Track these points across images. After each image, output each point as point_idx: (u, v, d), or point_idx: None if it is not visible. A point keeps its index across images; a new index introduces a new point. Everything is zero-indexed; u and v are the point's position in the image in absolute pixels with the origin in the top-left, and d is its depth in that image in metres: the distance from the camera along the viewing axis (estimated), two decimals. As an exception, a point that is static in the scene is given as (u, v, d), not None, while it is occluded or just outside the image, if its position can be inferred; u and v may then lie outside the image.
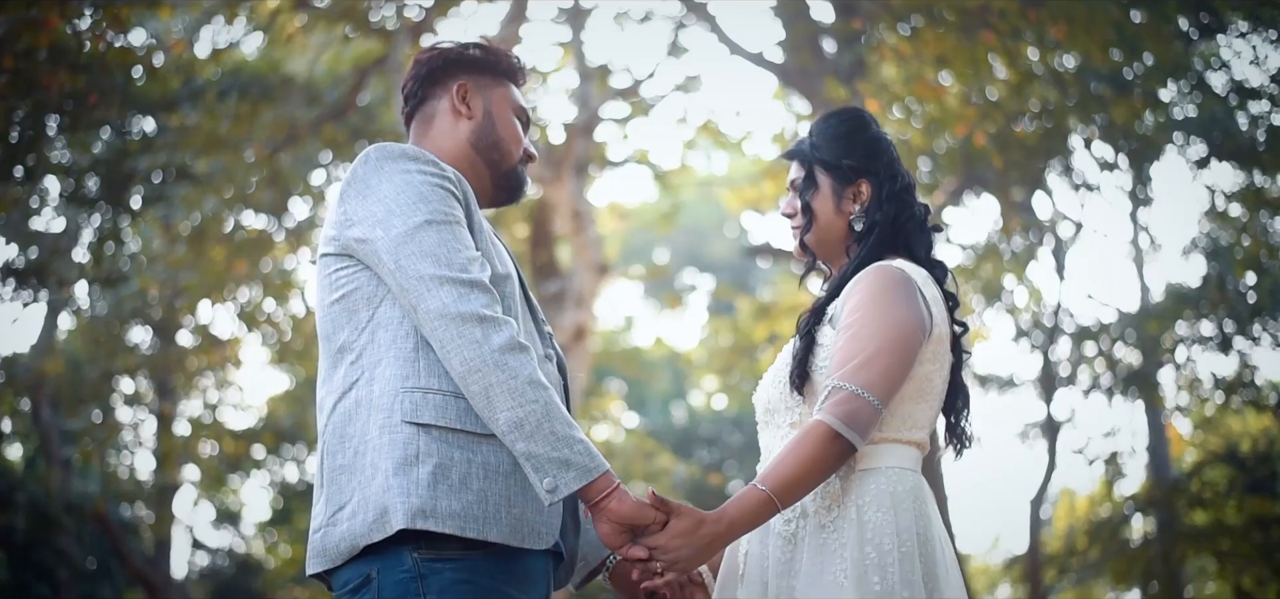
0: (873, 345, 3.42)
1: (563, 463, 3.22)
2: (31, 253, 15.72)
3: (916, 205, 3.76)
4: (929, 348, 3.56)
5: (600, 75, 16.33)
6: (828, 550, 3.45)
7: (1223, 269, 15.36)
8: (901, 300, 3.51)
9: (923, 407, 3.59)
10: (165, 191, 14.65)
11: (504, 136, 3.71)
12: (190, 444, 20.28)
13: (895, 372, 3.43)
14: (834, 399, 3.38)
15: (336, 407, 3.40)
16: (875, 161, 3.72)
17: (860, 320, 3.47)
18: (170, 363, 18.93)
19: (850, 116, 3.83)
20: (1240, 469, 16.54)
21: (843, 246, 3.76)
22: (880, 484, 3.49)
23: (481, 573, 3.29)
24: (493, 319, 3.26)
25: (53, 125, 13.32)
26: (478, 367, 3.22)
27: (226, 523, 26.73)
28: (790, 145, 3.88)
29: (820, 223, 3.75)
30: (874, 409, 3.38)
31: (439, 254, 3.31)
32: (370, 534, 3.28)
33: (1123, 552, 18.37)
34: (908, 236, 3.72)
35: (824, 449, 3.36)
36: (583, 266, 15.63)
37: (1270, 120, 13.21)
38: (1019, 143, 13.63)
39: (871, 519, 3.45)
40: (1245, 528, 16.49)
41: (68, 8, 11.17)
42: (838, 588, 3.39)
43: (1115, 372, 17.14)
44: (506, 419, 3.22)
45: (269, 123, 13.92)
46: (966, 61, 12.55)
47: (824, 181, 3.75)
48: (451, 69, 3.72)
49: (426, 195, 3.37)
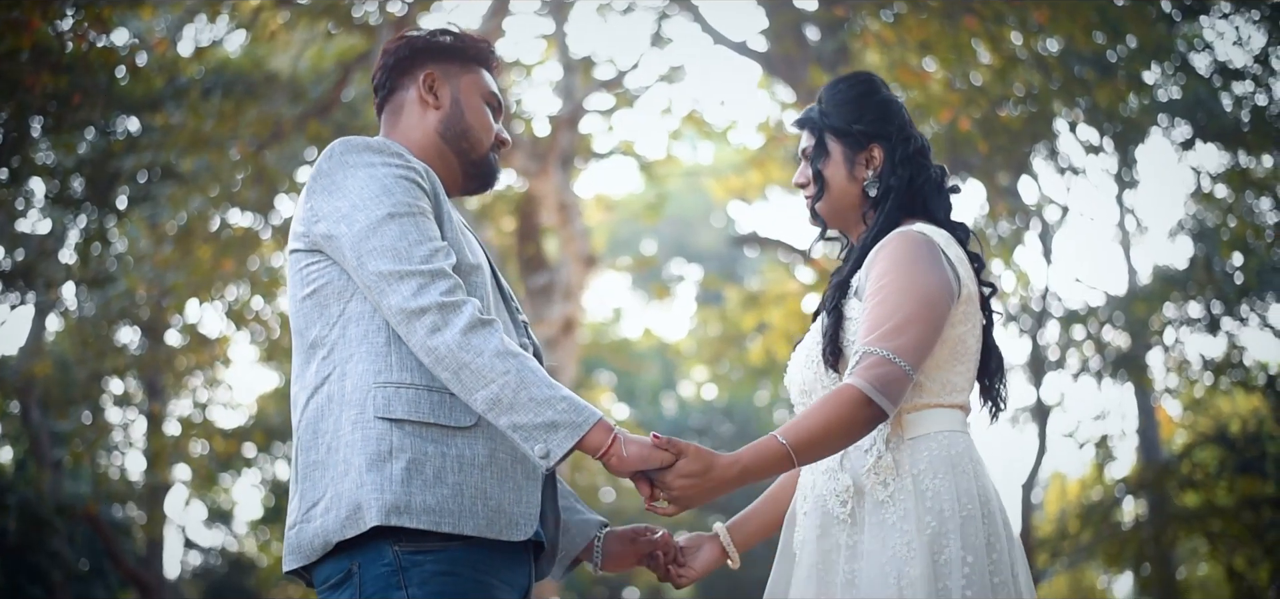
0: (903, 312, 3.38)
1: (550, 426, 3.20)
2: (18, 255, 15.71)
3: (932, 167, 3.71)
4: (959, 309, 3.52)
5: (584, 67, 16.32)
6: (888, 525, 3.42)
7: (1209, 250, 15.38)
8: (927, 264, 3.46)
9: (960, 369, 3.55)
10: (151, 191, 14.62)
11: (473, 125, 3.68)
12: (181, 443, 20.24)
13: (926, 338, 3.40)
14: (865, 363, 3.35)
15: (309, 402, 3.39)
16: (887, 125, 3.67)
17: (888, 286, 3.43)
18: (159, 363, 18.90)
19: (860, 81, 3.77)
20: (1230, 450, 16.55)
21: (858, 214, 3.71)
22: (933, 450, 3.46)
23: (463, 564, 3.28)
24: (452, 305, 3.23)
25: (37, 126, 13.30)
26: (443, 355, 3.21)
27: (218, 522, 26.75)
28: (801, 114, 3.83)
29: (833, 191, 3.71)
30: (906, 375, 3.35)
31: (399, 248, 3.29)
32: (343, 530, 3.26)
33: (1114, 534, 18.39)
34: (925, 199, 3.67)
35: (853, 412, 3.33)
36: (570, 259, 15.62)
37: (1254, 101, 13.24)
38: (1004, 127, 13.64)
39: (929, 487, 3.42)
40: (1236, 508, 16.51)
41: (50, 9, 11.14)
42: (902, 564, 3.35)
43: (1104, 355, 17.16)
44: (484, 399, 3.20)
45: (253, 120, 13.88)
46: (950, 47, 12.55)
47: (835, 148, 3.70)
48: (418, 58, 3.70)
49: (390, 188, 3.36)
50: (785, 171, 17.91)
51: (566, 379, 15.30)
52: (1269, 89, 13.09)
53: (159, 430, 20.37)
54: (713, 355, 25.90)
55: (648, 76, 17.31)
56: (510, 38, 20.31)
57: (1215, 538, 17.12)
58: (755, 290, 22.17)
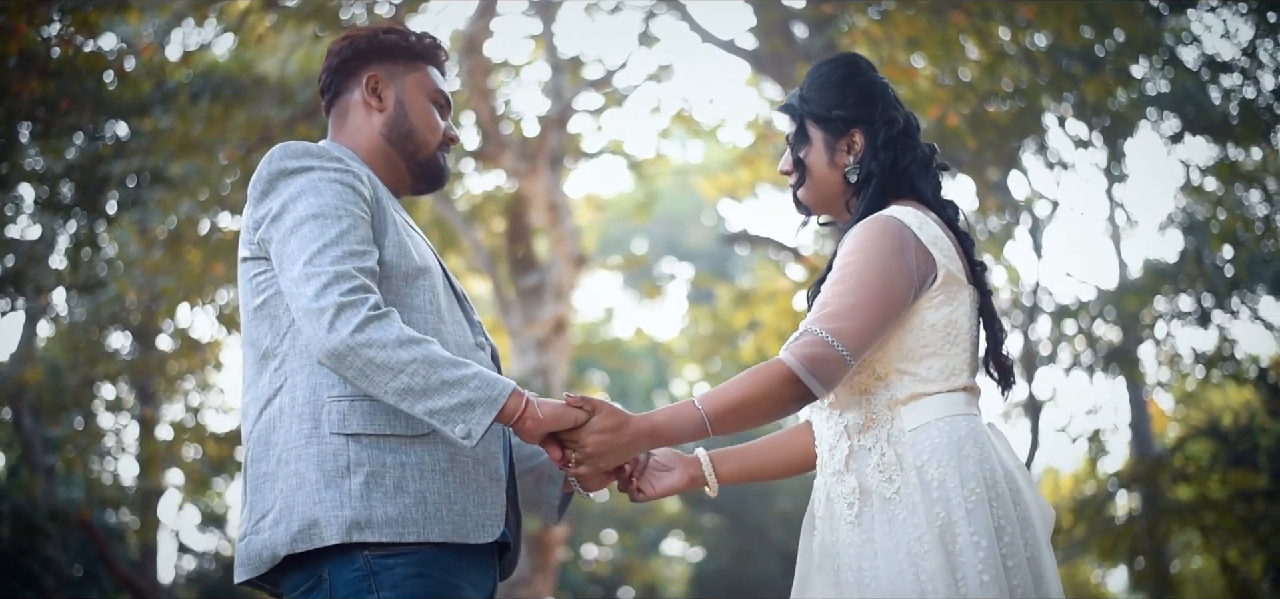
0: (853, 297, 3.35)
1: (466, 405, 3.17)
2: (8, 261, 15.68)
3: (919, 147, 3.66)
4: (939, 292, 3.47)
5: (572, 67, 16.33)
6: (898, 521, 3.38)
7: (1200, 243, 15.38)
8: (889, 253, 3.41)
9: (957, 352, 3.51)
10: (140, 196, 14.60)
11: (417, 126, 3.66)
12: (173, 448, 20.21)
13: (873, 327, 3.36)
14: (802, 341, 3.33)
15: (262, 414, 3.37)
16: (869, 109, 3.63)
17: (845, 271, 3.41)
18: (151, 367, 18.88)
19: (841, 64, 3.73)
20: (1223, 443, 16.55)
21: (842, 200, 3.68)
22: (935, 438, 3.41)
23: (433, 566, 3.28)
24: (349, 304, 3.19)
25: (25, 132, 13.28)
26: (343, 353, 3.16)
27: (212, 526, 26.70)
28: (785, 100, 3.79)
29: (815, 177, 3.67)
30: (842, 361, 3.31)
31: (310, 251, 3.26)
32: (293, 544, 3.25)
33: (1108, 528, 18.39)
34: (912, 179, 3.62)
35: (777, 389, 3.32)
36: (560, 259, 15.63)
37: (1243, 93, 13.23)
38: (992, 123, 13.64)
39: (934, 477, 3.37)
40: (1229, 501, 16.50)
41: (36, 14, 11.11)
42: (917, 559, 3.32)
43: (1095, 349, 17.15)
44: (394, 391, 3.17)
45: (242, 124, 13.87)
46: (938, 43, 12.55)
47: (816, 135, 3.67)
48: (362, 59, 3.67)
49: (320, 190, 3.34)
50: (775, 170, 17.91)
51: (558, 379, 15.31)
52: (1257, 82, 13.09)
53: (151, 435, 20.34)
54: (705, 354, 25.91)
55: (636, 76, 17.34)
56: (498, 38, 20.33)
57: (1208, 531, 17.12)
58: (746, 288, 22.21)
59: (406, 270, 3.40)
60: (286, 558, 3.29)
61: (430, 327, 3.39)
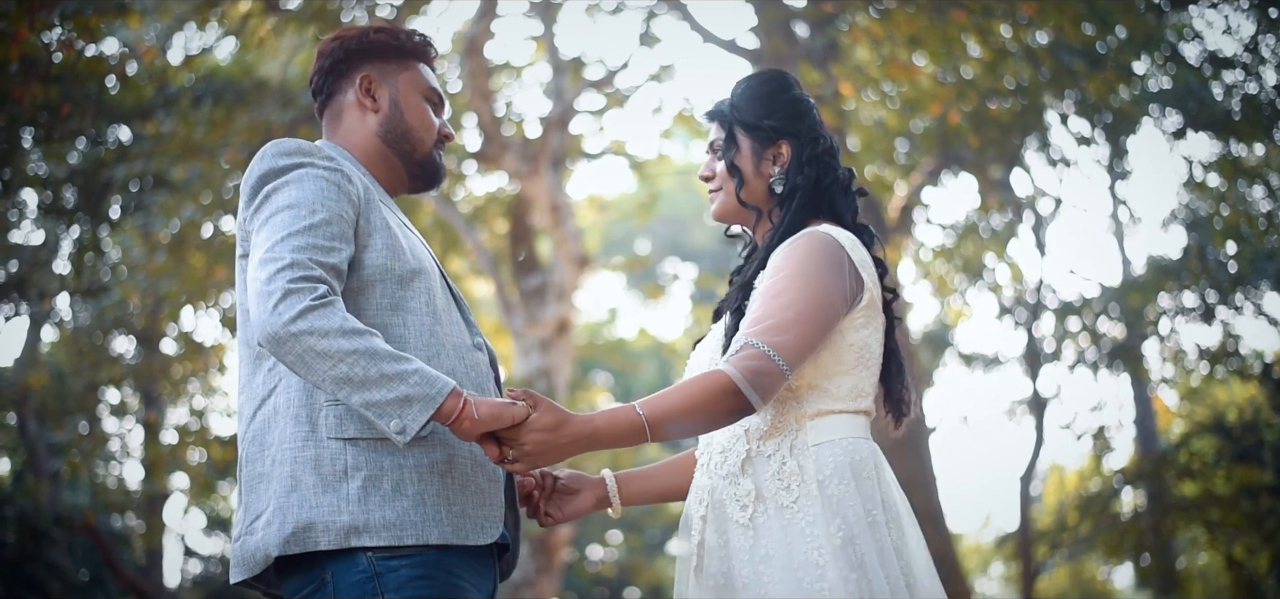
0: (792, 311, 3.36)
1: (403, 401, 3.11)
2: (12, 266, 15.69)
3: (840, 169, 3.70)
4: (861, 314, 3.52)
5: (574, 68, 16.29)
6: (794, 530, 3.39)
7: (1203, 239, 15.39)
8: (828, 269, 3.44)
9: (866, 374, 3.55)
10: (143, 200, 14.60)
11: (413, 125, 3.65)
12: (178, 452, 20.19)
13: (810, 341, 3.38)
14: (743, 354, 3.32)
15: (256, 414, 3.37)
16: (797, 123, 3.68)
17: (783, 284, 3.41)
18: (155, 372, 18.86)
19: (772, 78, 3.77)
20: (1227, 439, 16.58)
21: (765, 210, 3.71)
22: (837, 456, 3.44)
23: (437, 567, 3.26)
24: (297, 291, 3.13)
25: (28, 137, 13.28)
26: (282, 338, 3.09)
27: (218, 530, 26.70)
28: (712, 107, 3.82)
29: (741, 183, 3.70)
30: (781, 373, 3.32)
31: (274, 238, 3.23)
32: (286, 546, 3.22)
33: (1113, 525, 18.41)
34: (832, 200, 3.66)
35: (718, 400, 3.31)
36: (563, 260, 15.60)
37: (1245, 89, 13.23)
38: (994, 120, 13.63)
39: (835, 493, 3.40)
40: (1234, 497, 16.52)
41: (37, 19, 11.12)
42: (815, 569, 3.33)
43: (1100, 346, 17.17)
44: (332, 379, 3.10)
45: (244, 127, 13.84)
46: (939, 40, 12.54)
47: (744, 142, 3.70)
48: (354, 60, 3.65)
49: (304, 184, 3.32)
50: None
51: (562, 380, 15.30)
52: (1259, 77, 13.10)
53: (156, 439, 20.34)
54: (709, 354, 25.85)
55: (638, 76, 17.32)
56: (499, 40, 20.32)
57: (1214, 527, 17.14)
58: (750, 288, 22.10)
59: (400, 273, 3.38)
60: (286, 560, 3.27)
61: (426, 329, 3.37)
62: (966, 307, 19.18)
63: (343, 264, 3.27)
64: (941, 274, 17.68)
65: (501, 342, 18.21)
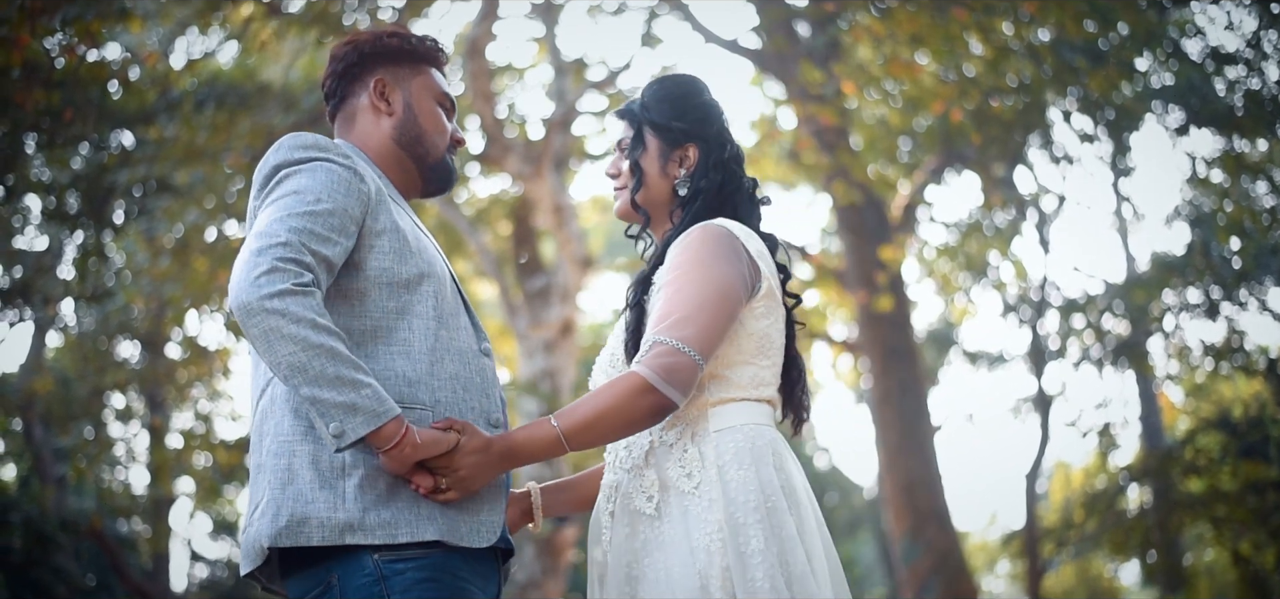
0: (694, 301, 3.35)
1: (349, 407, 3.08)
2: (16, 272, 15.72)
3: (745, 178, 3.72)
4: (761, 303, 3.51)
5: (576, 69, 16.31)
6: (692, 516, 3.39)
7: (1206, 235, 15.36)
8: (724, 257, 3.44)
9: (767, 363, 3.54)
10: (147, 205, 14.61)
11: (427, 129, 3.65)
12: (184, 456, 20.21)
13: (716, 327, 3.37)
14: (653, 352, 3.31)
15: (258, 403, 3.37)
16: (706, 127, 3.69)
17: (681, 276, 3.41)
18: (160, 376, 18.88)
19: (684, 81, 3.79)
20: (1233, 435, 16.54)
21: (666, 211, 3.72)
22: (738, 442, 3.43)
23: (443, 570, 3.25)
24: (280, 270, 3.11)
25: (31, 143, 13.29)
26: (252, 309, 3.07)
27: (224, 534, 26.77)
28: (623, 105, 3.84)
29: (646, 183, 3.71)
30: (694, 364, 3.31)
31: (275, 217, 3.23)
32: (278, 538, 3.21)
33: (1119, 522, 18.39)
34: (734, 207, 3.66)
35: (634, 400, 3.29)
36: (567, 261, 15.60)
37: (1247, 84, 13.22)
38: (997, 118, 13.63)
39: (734, 477, 3.38)
40: (1240, 493, 16.48)
41: (38, 25, 11.12)
42: (707, 554, 3.33)
43: (1104, 343, 17.15)
44: (287, 363, 3.07)
45: (247, 131, 13.84)
46: (941, 39, 12.53)
47: (652, 142, 3.71)
48: (368, 63, 3.66)
49: (315, 173, 3.32)
50: (780, 168, 17.91)
51: (566, 381, 15.29)
52: (1262, 73, 13.09)
53: (161, 444, 20.37)
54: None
55: (640, 77, 17.30)
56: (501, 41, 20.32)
57: (1220, 523, 17.10)
58: (755, 288, 22.11)
59: (406, 277, 3.38)
60: (290, 559, 3.28)
61: (430, 333, 3.36)
62: (971, 305, 19.20)
63: (336, 257, 3.27)
64: (945, 272, 17.69)
65: (506, 344, 18.23)
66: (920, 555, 14.98)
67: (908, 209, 16.21)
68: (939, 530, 15.14)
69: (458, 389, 3.38)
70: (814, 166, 15.34)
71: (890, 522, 15.64)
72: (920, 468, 15.37)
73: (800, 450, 31.03)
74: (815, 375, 27.50)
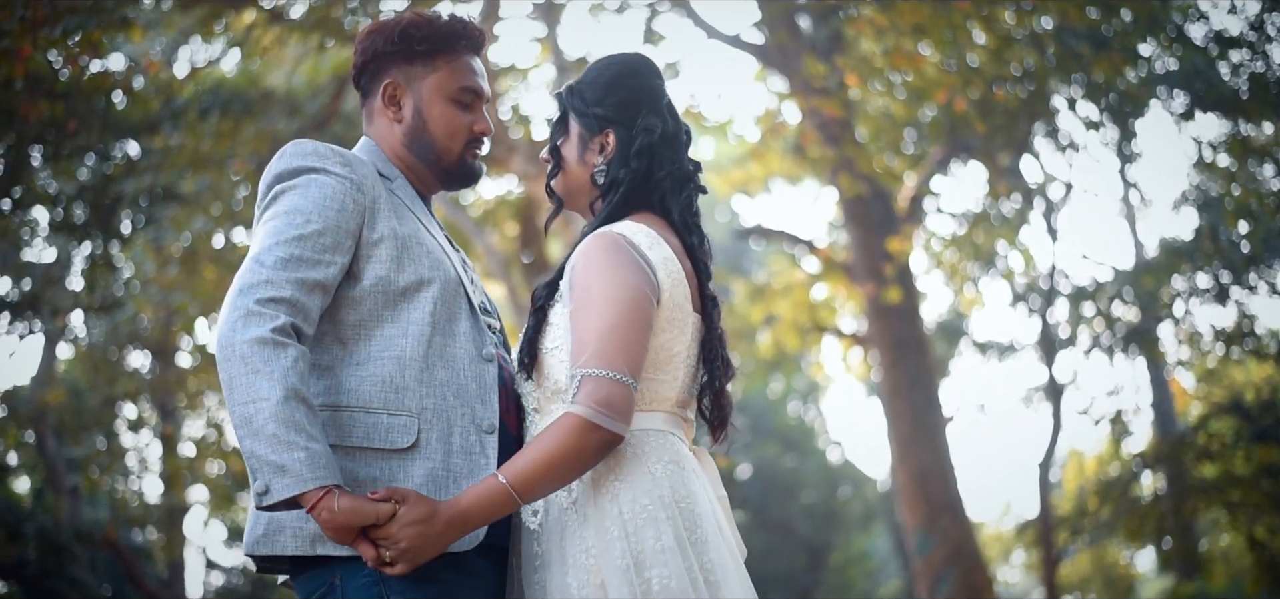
0: (606, 322, 3.25)
1: (278, 468, 3.05)
2: (25, 284, 15.74)
3: (682, 161, 3.59)
4: (661, 315, 3.39)
5: (579, 68, 16.29)
6: (569, 531, 3.32)
7: (1214, 220, 15.32)
8: (624, 267, 3.32)
9: (665, 376, 3.43)
10: (153, 214, 14.63)
11: (437, 135, 3.62)
12: (196, 464, 20.29)
13: (636, 342, 3.26)
14: (584, 387, 3.20)
15: None
16: (628, 113, 3.55)
17: (588, 297, 3.30)
18: (170, 385, 18.94)
19: (617, 63, 3.63)
20: (1246, 419, 16.51)
21: (587, 200, 3.61)
22: (622, 452, 3.32)
23: (441, 570, 3.27)
24: (259, 315, 3.12)
25: (36, 155, 13.31)
26: (227, 354, 3.10)
27: (238, 541, 26.79)
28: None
29: (565, 171, 3.61)
30: (625, 387, 3.21)
31: (267, 243, 3.25)
32: (254, 546, 3.27)
33: (1134, 509, 18.37)
34: (663, 195, 3.54)
35: (577, 440, 3.18)
36: (574, 261, 15.61)
37: (1252, 68, 13.18)
38: (1002, 107, 13.59)
39: (622, 489, 3.28)
40: (1254, 477, 16.46)
41: (41, 37, 11.12)
42: (606, 554, 3.25)
43: (1115, 330, 17.12)
44: (239, 414, 3.08)
45: (251, 138, 13.88)
46: (944, 29, 12.51)
47: (573, 129, 3.60)
48: (382, 63, 3.64)
49: (309, 190, 3.33)
50: (786, 163, 17.90)
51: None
52: (1266, 56, 13.04)
53: (173, 452, 20.44)
54: (723, 350, 25.83)
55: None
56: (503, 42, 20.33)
57: (1235, 508, 17.07)
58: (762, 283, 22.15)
59: (403, 285, 3.37)
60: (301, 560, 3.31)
61: (425, 339, 3.36)
62: (979, 295, 19.19)
63: (330, 277, 3.29)
64: (953, 263, 17.66)
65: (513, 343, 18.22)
66: (934, 547, 14.96)
67: (914, 200, 16.18)
68: (953, 522, 15.12)
69: (448, 396, 3.36)
70: (819, 160, 15.32)
71: (904, 514, 15.62)
72: (933, 459, 15.34)
73: (813, 445, 31.03)
74: (826, 369, 27.52)
